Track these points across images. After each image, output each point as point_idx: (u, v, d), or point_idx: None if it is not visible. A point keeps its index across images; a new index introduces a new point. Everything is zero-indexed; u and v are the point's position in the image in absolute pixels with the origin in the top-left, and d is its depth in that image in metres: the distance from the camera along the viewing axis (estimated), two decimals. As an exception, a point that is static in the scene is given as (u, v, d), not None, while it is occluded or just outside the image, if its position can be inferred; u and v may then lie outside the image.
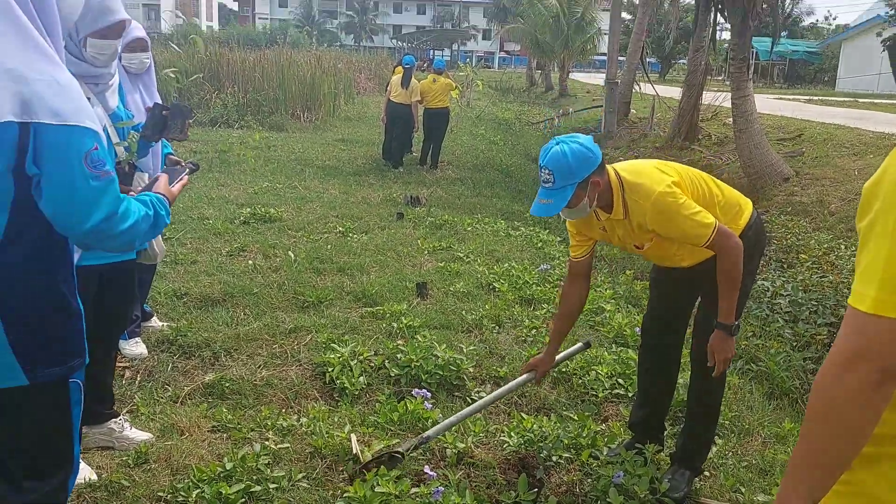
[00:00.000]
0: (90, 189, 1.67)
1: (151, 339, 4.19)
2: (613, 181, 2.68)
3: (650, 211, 2.59)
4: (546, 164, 2.59)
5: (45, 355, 1.74)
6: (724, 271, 2.66)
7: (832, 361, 1.16)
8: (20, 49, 1.61)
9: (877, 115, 16.40)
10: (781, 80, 41.81)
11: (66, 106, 1.63)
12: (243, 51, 21.15)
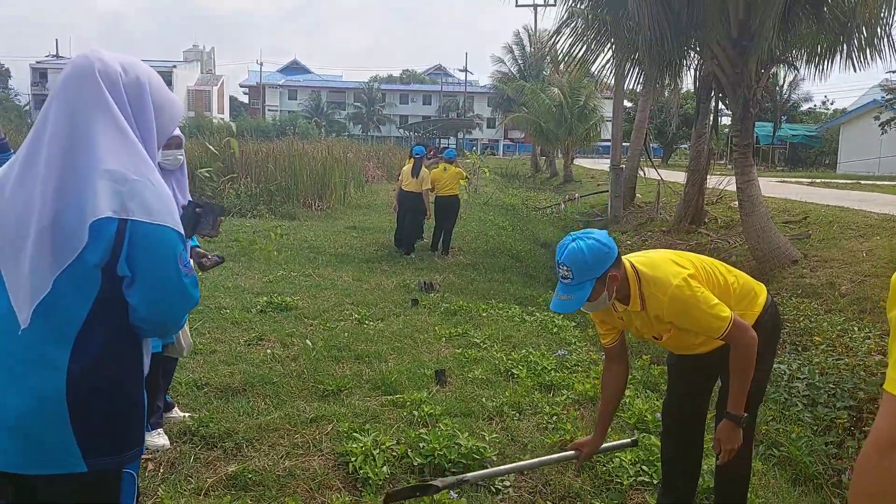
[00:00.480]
0: (182, 286, 1.80)
1: (173, 430, 4.21)
2: (630, 274, 2.75)
3: (667, 304, 2.67)
4: (564, 261, 2.63)
5: (106, 443, 1.77)
6: (736, 363, 2.73)
7: (870, 448, 1.22)
8: (121, 151, 1.74)
9: (880, 197, 16.64)
10: (783, 163, 42.56)
11: (160, 207, 1.75)
12: (255, 142, 21.81)
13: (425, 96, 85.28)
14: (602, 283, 2.65)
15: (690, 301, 2.64)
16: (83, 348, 1.72)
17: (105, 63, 1.79)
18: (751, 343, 2.69)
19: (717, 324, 2.64)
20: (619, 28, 11.83)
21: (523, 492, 3.69)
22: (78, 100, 1.75)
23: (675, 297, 2.65)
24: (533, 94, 34.03)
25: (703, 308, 2.64)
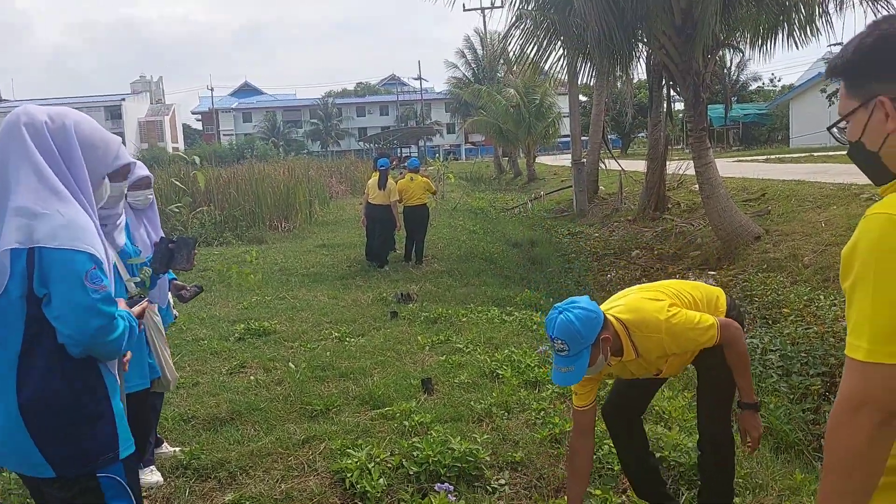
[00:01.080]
0: (92, 301, 2.01)
1: (165, 465, 4.21)
2: (617, 327, 2.82)
3: (666, 339, 2.78)
4: (557, 336, 2.66)
5: (70, 454, 2.04)
6: (733, 359, 2.89)
7: (839, 409, 1.34)
8: (33, 190, 2.01)
9: (833, 167, 17.09)
10: (738, 143, 43.37)
11: (65, 233, 2.00)
12: (215, 168, 21.66)
13: (382, 107, 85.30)
14: (597, 348, 2.71)
15: (682, 326, 2.78)
16: (26, 374, 2.01)
17: (30, 116, 2.10)
18: (738, 336, 2.86)
19: (710, 333, 2.80)
20: (568, 26, 12.03)
21: (519, 488, 3.78)
22: (6, 150, 2.06)
23: (670, 329, 2.77)
24: (490, 97, 34.30)
25: (693, 326, 2.79)
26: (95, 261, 2.03)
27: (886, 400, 1.28)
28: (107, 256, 2.17)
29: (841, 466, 1.33)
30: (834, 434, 1.35)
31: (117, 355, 2.19)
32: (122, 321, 2.16)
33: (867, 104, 1.42)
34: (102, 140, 2.25)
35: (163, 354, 3.29)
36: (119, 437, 2.16)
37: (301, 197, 19.15)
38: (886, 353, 1.27)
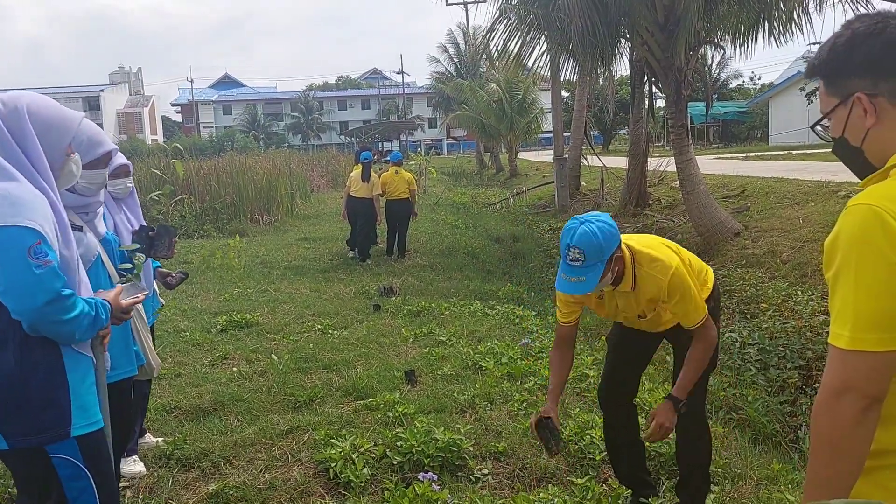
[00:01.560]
0: (35, 276, 2.04)
1: (148, 455, 4.20)
2: (626, 259, 2.84)
3: (667, 286, 2.80)
4: (575, 244, 2.65)
5: (16, 424, 2.12)
6: (695, 355, 2.90)
7: (823, 397, 1.38)
8: None
9: (812, 165, 17.30)
10: (717, 140, 43.74)
11: (8, 210, 2.05)
12: (195, 160, 21.49)
13: (364, 101, 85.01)
14: (609, 265, 2.73)
15: (685, 286, 2.81)
16: None
17: None
18: (712, 343, 2.90)
19: (696, 315, 2.84)
20: (552, 21, 12.07)
21: (502, 477, 3.82)
22: None
23: (674, 280, 2.79)
24: (472, 92, 34.27)
25: (693, 296, 2.82)
26: (39, 236, 2.06)
27: (868, 386, 1.32)
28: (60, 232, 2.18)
29: (825, 452, 1.37)
30: (818, 420, 1.39)
31: (73, 340, 2.19)
32: (83, 304, 2.18)
33: (846, 101, 1.46)
34: (59, 118, 2.29)
35: (146, 341, 3.28)
36: (73, 415, 2.19)
37: (282, 190, 19.06)
38: (868, 341, 1.31)
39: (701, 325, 2.85)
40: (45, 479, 2.17)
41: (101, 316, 2.27)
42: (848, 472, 1.36)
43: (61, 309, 2.09)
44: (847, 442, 1.34)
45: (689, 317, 2.84)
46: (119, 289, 2.47)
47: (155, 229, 3.26)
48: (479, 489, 3.65)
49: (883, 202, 1.34)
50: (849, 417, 1.33)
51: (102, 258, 3.11)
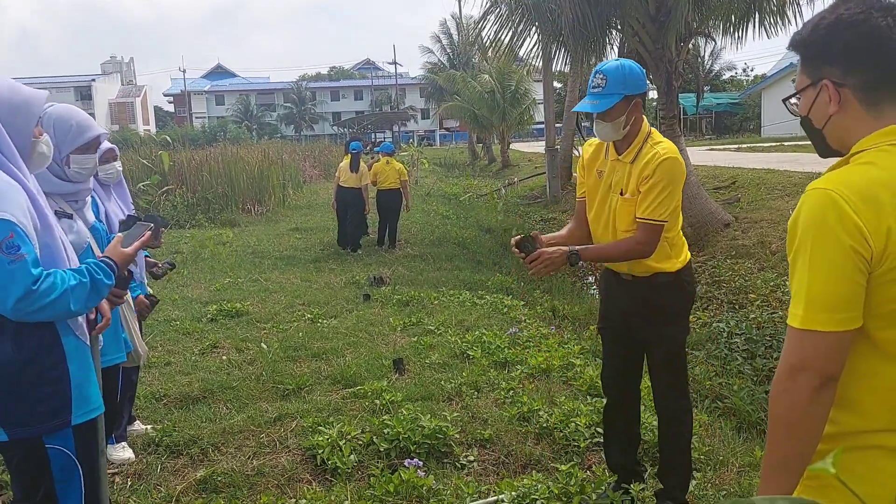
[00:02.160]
0: (7, 272, 1.97)
1: (137, 442, 4.22)
2: (644, 128, 2.93)
3: (660, 163, 2.82)
4: (602, 70, 2.85)
5: (16, 413, 2.08)
6: (621, 242, 2.92)
7: (779, 375, 1.41)
8: None
9: (803, 157, 17.37)
10: (710, 131, 43.82)
11: None
12: (188, 151, 21.42)
13: (356, 92, 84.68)
14: (626, 105, 2.83)
15: (670, 178, 2.82)
16: None
17: None
18: (645, 249, 2.87)
19: (658, 212, 2.82)
20: (542, 12, 12.05)
21: (487, 464, 3.85)
22: None
23: (667, 165, 2.82)
24: (464, 83, 34.20)
25: (670, 193, 2.83)
26: (12, 228, 1.98)
27: (822, 365, 1.36)
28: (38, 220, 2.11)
29: (781, 430, 1.40)
30: (775, 399, 1.42)
31: (73, 315, 2.14)
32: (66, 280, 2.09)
33: (815, 84, 1.49)
34: (23, 101, 2.18)
35: (133, 328, 3.30)
36: (73, 403, 2.16)
37: (274, 180, 19.05)
38: (821, 321, 1.35)
39: (650, 226, 2.83)
40: (37, 470, 2.13)
41: (98, 277, 2.19)
42: (803, 450, 1.39)
43: (36, 298, 2.01)
44: (802, 420, 1.37)
45: (655, 209, 2.82)
46: (118, 238, 2.40)
47: (143, 219, 3.26)
48: (464, 475, 3.69)
49: (840, 188, 1.37)
50: (804, 396, 1.36)
51: (92, 246, 3.12)
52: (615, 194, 2.99)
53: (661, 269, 2.98)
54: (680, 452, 3.18)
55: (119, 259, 2.33)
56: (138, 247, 2.44)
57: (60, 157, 2.79)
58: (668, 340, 3.05)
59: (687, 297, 3.08)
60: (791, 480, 1.42)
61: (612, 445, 3.37)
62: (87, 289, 2.14)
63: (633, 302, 3.08)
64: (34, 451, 2.11)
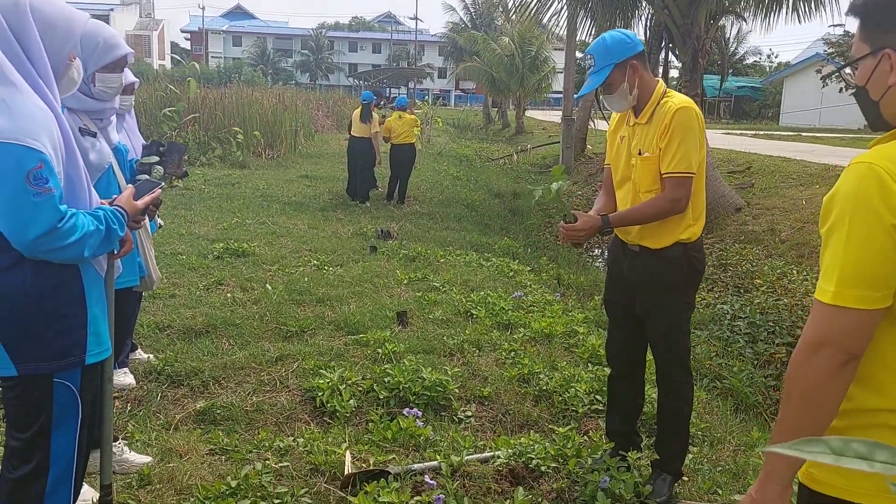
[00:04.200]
0: (31, 204, 1.87)
1: (139, 369, 4.25)
2: (659, 88, 2.93)
3: (674, 113, 2.80)
4: (588, 52, 2.93)
5: (34, 351, 1.99)
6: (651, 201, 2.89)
7: (801, 348, 1.39)
8: None
9: (820, 149, 17.22)
10: (728, 116, 43.39)
11: (7, 125, 1.83)
12: (202, 88, 21.22)
13: (375, 45, 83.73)
14: (622, 72, 2.85)
15: (689, 127, 2.80)
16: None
17: None
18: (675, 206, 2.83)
19: (684, 163, 2.79)
20: (573, -23, 11.85)
21: (485, 421, 3.88)
22: None
23: (682, 115, 2.79)
24: (485, 44, 33.76)
25: (691, 143, 2.80)
26: (41, 158, 1.87)
27: (847, 342, 1.33)
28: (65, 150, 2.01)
29: (796, 404, 1.39)
30: (793, 372, 1.40)
31: (84, 259, 2.06)
32: (86, 223, 2.02)
33: (876, 53, 1.43)
34: (64, 18, 2.05)
35: (149, 252, 3.29)
36: (88, 342, 2.09)
37: (287, 126, 18.90)
38: (851, 297, 1.32)
39: (679, 178, 2.81)
40: (37, 405, 2.04)
41: (113, 226, 2.12)
42: (816, 425, 1.37)
43: (57, 238, 1.92)
44: (820, 395, 1.36)
45: (681, 160, 2.79)
46: (130, 189, 2.32)
47: (166, 145, 3.23)
48: (461, 429, 3.71)
49: (884, 162, 1.33)
50: (824, 371, 1.34)
51: (114, 167, 3.10)
52: (636, 157, 2.98)
53: (678, 240, 2.95)
54: (678, 426, 3.18)
55: (130, 211, 2.26)
56: (148, 202, 2.38)
57: (86, 75, 2.75)
58: (670, 314, 3.03)
59: (694, 272, 3.03)
60: None
61: (613, 413, 3.37)
62: (102, 236, 2.07)
63: (639, 274, 3.06)
64: (40, 386, 2.03)
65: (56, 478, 2.06)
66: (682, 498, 3.11)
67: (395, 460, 3.26)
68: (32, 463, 2.04)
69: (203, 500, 2.83)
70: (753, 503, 1.43)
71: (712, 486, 3.17)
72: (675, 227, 2.93)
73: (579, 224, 2.95)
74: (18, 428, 2.06)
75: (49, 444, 2.05)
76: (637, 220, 2.97)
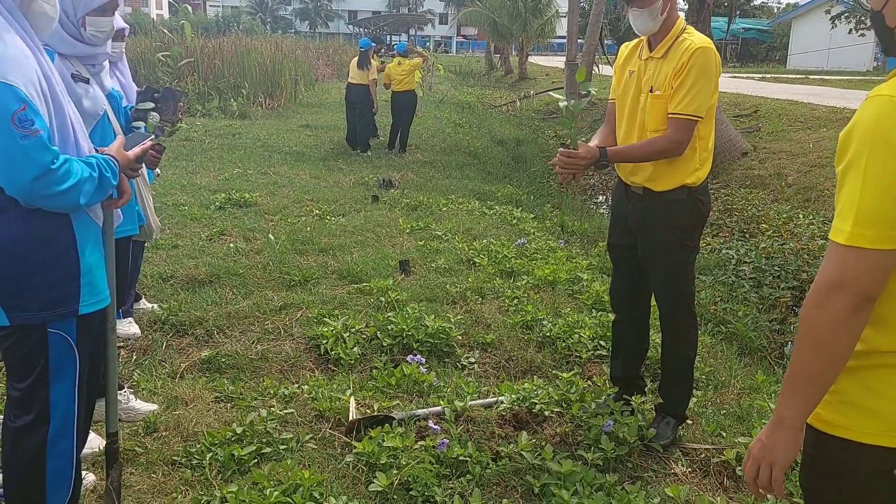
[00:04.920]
0: (20, 147, 1.80)
1: (143, 319, 4.26)
2: (679, 23, 2.84)
3: (694, 52, 2.72)
4: None
5: (23, 298, 1.96)
6: (652, 140, 2.83)
7: (816, 290, 1.34)
8: None
9: (828, 91, 16.94)
10: (734, 59, 42.62)
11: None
12: (200, 38, 20.86)
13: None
14: None
15: (707, 71, 2.72)
16: None
17: None
18: (675, 147, 2.77)
19: (693, 106, 2.73)
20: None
21: (488, 367, 3.89)
22: None
23: (701, 57, 2.72)
24: (487, -12, 33.10)
25: (704, 87, 2.72)
26: (23, 100, 1.81)
27: (863, 285, 1.28)
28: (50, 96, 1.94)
29: (811, 346, 1.35)
30: (808, 314, 1.36)
31: (80, 208, 2.01)
32: (80, 169, 1.97)
33: None
34: None
35: (148, 202, 3.25)
36: (82, 292, 2.05)
37: (287, 75, 18.63)
38: (868, 238, 1.26)
39: (684, 120, 2.74)
40: (33, 354, 2.02)
41: (106, 174, 2.08)
42: (829, 369, 1.34)
43: (53, 181, 1.87)
44: (834, 339, 1.31)
45: (691, 102, 2.73)
46: (121, 140, 2.27)
47: (161, 91, 3.16)
48: (465, 376, 3.72)
49: None
50: (839, 314, 1.29)
51: (108, 114, 3.04)
52: (646, 94, 2.88)
53: (684, 183, 2.89)
54: (682, 370, 3.17)
55: (122, 161, 2.20)
56: (139, 153, 2.32)
57: (76, 18, 2.68)
58: (674, 257, 2.98)
59: (699, 215, 2.98)
60: (814, 398, 1.37)
61: (617, 358, 3.36)
62: (96, 184, 2.03)
63: (643, 217, 3.01)
64: (34, 336, 2.00)
65: (57, 428, 2.06)
66: (686, 441, 3.12)
67: (399, 406, 3.28)
68: (33, 413, 2.04)
69: (209, 447, 2.85)
70: (764, 449, 1.41)
71: (716, 429, 3.17)
72: (682, 171, 2.88)
73: (581, 151, 2.83)
74: (17, 377, 2.05)
75: (48, 394, 2.04)
76: (635, 157, 2.90)
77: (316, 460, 2.84)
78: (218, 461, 2.78)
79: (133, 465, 2.80)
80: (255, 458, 2.81)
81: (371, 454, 2.78)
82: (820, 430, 1.43)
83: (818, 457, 1.46)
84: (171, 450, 2.89)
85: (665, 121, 2.82)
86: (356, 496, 2.61)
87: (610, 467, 2.86)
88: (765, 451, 1.41)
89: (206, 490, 2.63)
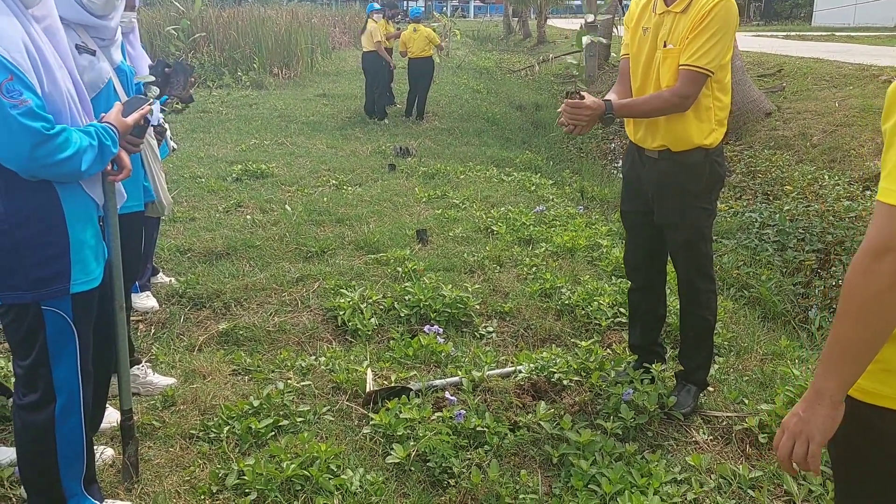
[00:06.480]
0: (11, 118, 1.78)
1: (161, 293, 4.27)
2: None
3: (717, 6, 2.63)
4: None
5: (15, 280, 1.95)
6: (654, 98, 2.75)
7: (862, 254, 1.24)
8: None
9: (855, 48, 16.47)
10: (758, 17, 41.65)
11: None
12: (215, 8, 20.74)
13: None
14: None
15: (725, 23, 2.63)
16: None
17: None
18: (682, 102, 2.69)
19: (705, 59, 2.64)
20: None
21: (506, 336, 3.85)
22: None
23: (726, 5, 2.63)
24: (504, -50, 32.46)
25: (720, 41, 2.63)
26: (10, 70, 1.79)
27: None
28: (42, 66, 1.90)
29: (856, 312, 1.26)
30: (853, 279, 1.27)
31: (83, 176, 1.99)
32: (79, 137, 1.95)
33: None
34: None
35: (158, 178, 3.22)
36: (72, 270, 2.02)
37: (303, 44, 18.49)
38: None
39: (695, 72, 2.65)
40: (30, 332, 2.01)
41: (105, 142, 2.05)
42: (875, 336, 1.25)
43: (53, 149, 1.85)
44: (880, 306, 1.22)
45: (704, 55, 2.64)
46: (118, 106, 2.21)
47: (172, 65, 3.11)
48: (483, 345, 3.70)
49: None
50: (886, 279, 1.20)
51: (116, 87, 2.99)
52: (661, 49, 2.78)
53: (700, 145, 2.80)
54: (702, 336, 3.10)
55: (120, 127, 2.16)
56: (137, 118, 2.26)
57: None
58: (692, 221, 2.90)
59: (716, 177, 2.89)
60: (857, 369, 1.28)
61: (636, 326, 3.31)
62: (96, 152, 2.00)
63: (658, 181, 2.93)
64: (29, 314, 1.99)
65: (63, 406, 2.06)
66: (707, 408, 3.08)
67: (416, 377, 3.26)
68: (38, 392, 2.04)
69: (226, 420, 2.86)
70: (801, 423, 1.33)
71: (738, 397, 3.12)
72: (698, 133, 2.79)
73: (587, 101, 2.72)
74: (19, 355, 2.05)
75: (50, 373, 2.03)
76: (640, 112, 2.80)
77: (333, 432, 2.83)
78: (235, 434, 2.79)
79: (151, 438, 2.81)
80: (272, 431, 2.81)
81: (388, 426, 2.76)
82: (858, 399, 1.36)
83: (856, 427, 1.37)
84: (188, 423, 2.90)
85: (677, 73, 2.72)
86: (373, 468, 2.61)
87: (630, 436, 2.83)
88: (802, 424, 1.33)
89: (224, 463, 2.64)
